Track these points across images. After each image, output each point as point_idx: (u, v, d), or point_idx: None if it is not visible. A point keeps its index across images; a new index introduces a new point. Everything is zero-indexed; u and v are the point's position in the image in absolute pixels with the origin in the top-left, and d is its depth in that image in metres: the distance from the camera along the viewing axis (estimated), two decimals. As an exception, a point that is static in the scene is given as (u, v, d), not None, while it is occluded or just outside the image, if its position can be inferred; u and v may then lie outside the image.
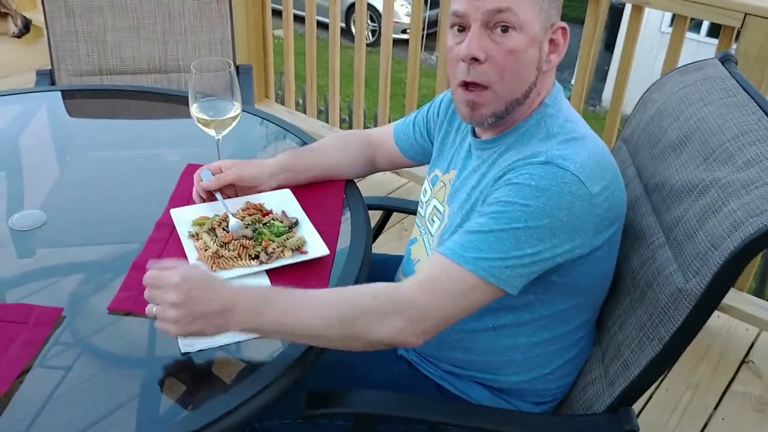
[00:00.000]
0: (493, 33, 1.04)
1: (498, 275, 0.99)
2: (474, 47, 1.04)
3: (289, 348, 1.04)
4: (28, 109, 1.76)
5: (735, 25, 1.86)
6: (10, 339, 1.01)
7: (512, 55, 1.04)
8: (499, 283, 1.00)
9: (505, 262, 0.99)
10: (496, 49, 1.04)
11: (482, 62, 1.05)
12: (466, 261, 0.99)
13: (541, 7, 1.05)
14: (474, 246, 1.00)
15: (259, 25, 3.05)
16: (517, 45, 1.04)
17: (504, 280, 1.00)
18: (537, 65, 1.07)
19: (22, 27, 2.62)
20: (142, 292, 1.11)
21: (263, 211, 1.29)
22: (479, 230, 1.01)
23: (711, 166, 1.08)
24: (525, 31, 1.04)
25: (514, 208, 0.99)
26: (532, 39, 1.05)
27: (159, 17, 2.08)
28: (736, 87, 1.18)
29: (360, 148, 1.43)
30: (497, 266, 0.99)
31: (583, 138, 1.07)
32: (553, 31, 1.08)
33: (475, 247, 1.00)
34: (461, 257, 1.00)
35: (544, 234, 0.99)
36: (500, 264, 0.99)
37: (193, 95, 1.31)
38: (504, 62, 1.04)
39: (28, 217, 1.29)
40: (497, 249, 0.99)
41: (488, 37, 1.04)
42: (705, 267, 0.98)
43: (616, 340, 1.15)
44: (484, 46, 1.04)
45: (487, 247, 0.99)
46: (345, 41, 3.31)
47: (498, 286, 1.00)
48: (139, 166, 1.55)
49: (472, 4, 1.03)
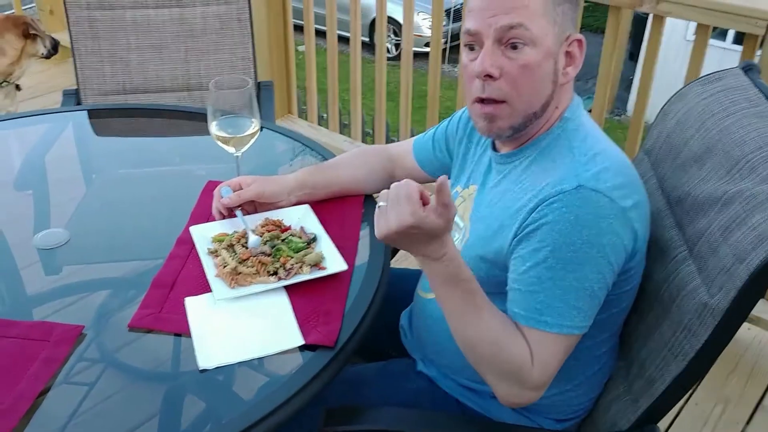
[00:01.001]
0: (506, 49, 1.04)
1: (581, 324, 1.03)
2: (488, 64, 1.04)
3: (308, 363, 1.04)
4: (54, 129, 1.79)
5: (759, 33, 1.83)
6: (31, 357, 1.02)
7: (526, 69, 1.04)
8: (583, 330, 1.04)
9: (581, 311, 1.02)
10: (510, 65, 1.04)
11: (497, 78, 1.05)
12: (551, 326, 1.02)
13: (554, 21, 1.04)
14: (548, 306, 1.02)
15: (281, 42, 3.07)
16: (530, 59, 1.03)
17: (586, 323, 1.04)
18: (553, 78, 1.07)
19: (51, 48, 2.67)
20: (162, 310, 1.12)
21: (282, 227, 1.29)
22: (542, 286, 1.01)
23: (734, 177, 1.06)
24: (538, 46, 1.03)
25: (563, 251, 1.00)
26: (546, 53, 1.04)
27: (181, 36, 2.11)
28: (758, 97, 1.15)
29: (379, 164, 1.43)
30: (577, 316, 1.02)
31: (606, 152, 1.07)
32: (569, 44, 1.07)
33: (549, 307, 1.02)
34: (545, 323, 1.02)
35: (600, 263, 1.01)
36: (577, 313, 1.02)
37: (212, 113, 1.33)
38: (518, 77, 1.04)
39: (51, 236, 1.31)
40: (569, 299, 1.01)
41: (502, 54, 1.04)
42: (730, 282, 0.96)
43: (640, 355, 1.13)
44: (498, 63, 1.04)
45: (558, 302, 1.01)
46: (369, 55, 3.33)
47: (584, 330, 1.04)
48: (161, 183, 1.57)
49: (485, 21, 1.03)
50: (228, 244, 1.23)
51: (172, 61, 2.13)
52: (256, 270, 1.17)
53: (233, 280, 1.15)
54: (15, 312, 1.18)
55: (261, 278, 1.16)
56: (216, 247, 1.23)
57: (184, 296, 1.15)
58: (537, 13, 1.02)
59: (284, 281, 1.16)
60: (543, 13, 1.03)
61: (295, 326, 1.09)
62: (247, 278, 1.16)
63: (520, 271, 1.03)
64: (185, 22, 2.10)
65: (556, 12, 1.04)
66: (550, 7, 1.03)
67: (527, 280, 1.03)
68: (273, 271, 1.17)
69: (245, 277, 1.16)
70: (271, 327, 1.09)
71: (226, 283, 1.15)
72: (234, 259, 1.19)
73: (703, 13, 1.91)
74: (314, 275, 1.18)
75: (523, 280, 1.03)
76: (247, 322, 1.11)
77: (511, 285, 1.06)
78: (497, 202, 1.13)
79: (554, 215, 1.00)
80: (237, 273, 1.16)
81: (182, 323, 1.10)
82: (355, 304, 1.15)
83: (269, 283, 1.16)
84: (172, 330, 1.10)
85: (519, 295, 1.04)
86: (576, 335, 1.04)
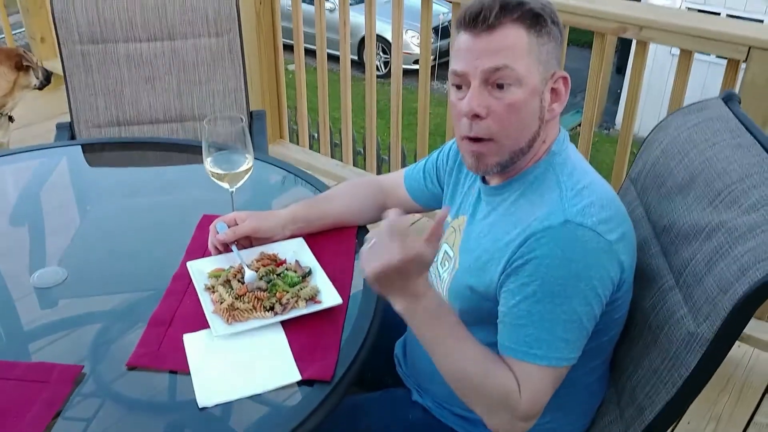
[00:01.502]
0: (493, 89, 1.06)
1: (570, 356, 1.05)
2: (474, 104, 1.07)
3: (305, 398, 1.06)
4: (48, 164, 1.81)
5: (739, 58, 1.87)
6: (31, 399, 1.03)
7: (513, 108, 1.07)
8: (572, 361, 1.06)
9: (570, 343, 1.04)
10: (496, 104, 1.07)
11: (484, 117, 1.07)
12: (540, 359, 1.04)
13: (539, 60, 1.07)
14: (537, 339, 1.04)
15: (272, 68, 3.10)
16: (516, 99, 1.06)
17: (575, 355, 1.06)
18: (539, 115, 1.09)
19: (44, 79, 2.69)
20: (160, 347, 1.13)
21: (277, 261, 1.31)
22: (531, 319, 1.04)
23: (717, 208, 1.09)
24: (524, 85, 1.06)
25: (551, 285, 1.02)
26: (532, 91, 1.07)
27: (174, 69, 2.14)
28: (739, 127, 1.19)
29: (371, 195, 1.45)
30: (566, 348, 1.04)
31: (592, 185, 1.09)
32: (554, 81, 1.10)
33: (538, 340, 1.04)
34: (534, 356, 1.04)
35: (588, 295, 1.03)
36: (566, 346, 1.04)
37: (207, 149, 1.35)
38: (505, 116, 1.07)
39: (49, 274, 1.33)
40: (557, 332, 1.04)
41: (489, 93, 1.07)
42: (715, 312, 0.98)
43: (630, 382, 1.15)
44: (485, 102, 1.07)
45: (547, 335, 1.03)
46: (358, 73, 3.36)
47: (573, 362, 1.06)
48: (155, 215, 1.58)
49: (471, 63, 1.06)
50: (224, 280, 1.25)
51: (164, 93, 2.15)
52: (253, 306, 1.19)
53: (230, 316, 1.17)
54: (11, 349, 1.19)
55: (258, 314, 1.18)
56: (213, 283, 1.25)
57: (181, 333, 1.16)
58: (522, 53, 1.05)
59: (281, 316, 1.18)
60: (528, 53, 1.06)
61: (292, 362, 1.11)
62: (244, 314, 1.18)
63: (510, 305, 1.06)
64: (177, 54, 2.13)
65: (540, 51, 1.07)
66: (535, 47, 1.06)
67: (516, 313, 1.05)
68: (269, 307, 1.19)
69: (242, 312, 1.18)
70: (269, 363, 1.11)
71: (223, 319, 1.17)
72: (231, 294, 1.21)
73: (685, 39, 1.95)
74: (310, 309, 1.20)
75: (512, 313, 1.06)
76: (245, 358, 1.13)
77: (500, 318, 1.08)
78: (486, 235, 1.15)
79: (542, 250, 1.03)
80: (234, 309, 1.18)
81: (181, 361, 1.11)
82: (351, 336, 1.17)
83: (266, 318, 1.18)
84: (171, 368, 1.11)
85: (508, 328, 1.06)
86: (565, 366, 1.06)
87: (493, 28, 1.05)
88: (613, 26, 2.08)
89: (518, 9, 1.05)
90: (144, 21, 2.09)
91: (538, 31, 1.06)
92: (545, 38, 1.07)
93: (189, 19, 2.11)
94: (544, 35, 1.07)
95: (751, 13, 9.87)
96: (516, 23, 1.05)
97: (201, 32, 2.13)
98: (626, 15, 2.06)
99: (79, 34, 2.07)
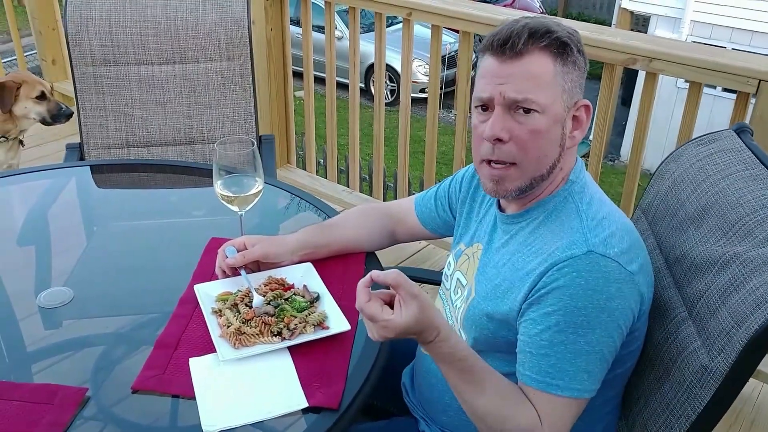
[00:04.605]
0: (516, 113, 1.06)
1: (591, 387, 1.05)
2: (497, 128, 1.07)
3: (312, 426, 1.05)
4: (57, 184, 1.81)
5: (749, 91, 1.87)
6: (34, 422, 1.02)
7: (535, 134, 1.07)
8: (592, 393, 1.05)
9: (591, 374, 1.04)
10: (519, 129, 1.07)
11: (506, 142, 1.07)
12: (562, 390, 1.03)
13: (563, 88, 1.07)
14: (559, 370, 1.03)
15: (281, 94, 3.12)
16: (539, 125, 1.06)
17: (596, 387, 1.05)
18: (560, 142, 1.09)
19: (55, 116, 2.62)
20: (166, 371, 1.12)
21: (285, 286, 1.30)
22: (554, 349, 1.03)
23: (731, 240, 1.08)
24: (547, 112, 1.06)
25: (574, 315, 1.02)
26: (554, 119, 1.07)
27: (184, 92, 2.15)
28: (752, 159, 1.19)
29: (380, 222, 1.45)
30: (587, 380, 1.04)
31: (611, 216, 1.09)
32: (576, 109, 1.10)
33: (561, 370, 1.03)
34: (557, 387, 1.03)
35: (610, 327, 1.03)
36: (588, 377, 1.04)
37: (217, 172, 1.35)
38: (527, 141, 1.07)
39: (55, 295, 1.32)
40: (580, 363, 1.03)
41: (512, 117, 1.07)
42: (729, 345, 0.97)
43: (642, 416, 1.13)
44: (508, 127, 1.07)
45: (569, 366, 1.03)
46: (364, 101, 3.38)
47: (593, 393, 1.06)
48: (162, 236, 1.58)
49: (496, 90, 1.06)
50: (232, 304, 1.24)
51: (175, 115, 2.17)
52: (260, 330, 1.18)
53: (237, 340, 1.16)
54: (16, 370, 1.18)
55: (265, 339, 1.17)
56: (220, 307, 1.24)
57: (187, 357, 1.15)
58: (546, 83, 1.06)
59: (288, 342, 1.17)
60: (552, 82, 1.06)
61: (298, 388, 1.09)
62: (251, 339, 1.16)
63: (531, 334, 1.05)
64: (188, 77, 2.15)
65: (565, 80, 1.07)
66: (560, 76, 1.07)
67: (538, 343, 1.04)
68: (277, 332, 1.18)
69: (249, 337, 1.17)
70: (275, 389, 1.10)
71: (230, 343, 1.16)
72: (238, 319, 1.20)
73: (695, 71, 1.96)
74: (318, 335, 1.18)
75: (534, 343, 1.04)
76: (251, 383, 1.11)
77: (521, 348, 1.07)
78: (506, 263, 1.14)
79: (565, 279, 1.02)
80: (241, 333, 1.17)
81: (186, 385, 1.10)
82: (359, 363, 1.16)
83: (273, 343, 1.16)
84: (176, 392, 1.10)
85: (530, 357, 1.05)
86: (585, 399, 1.04)
87: (521, 55, 1.05)
88: (622, 57, 2.09)
89: (546, 37, 1.05)
90: (157, 44, 2.11)
91: (564, 59, 1.06)
92: (570, 67, 1.07)
93: (201, 43, 2.13)
94: (570, 64, 1.07)
95: (756, 48, 9.94)
96: (543, 51, 1.05)
97: (213, 56, 2.15)
98: (636, 46, 2.07)
99: (92, 56, 2.09)
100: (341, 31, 8.75)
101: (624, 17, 11.93)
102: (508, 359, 1.10)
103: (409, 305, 0.99)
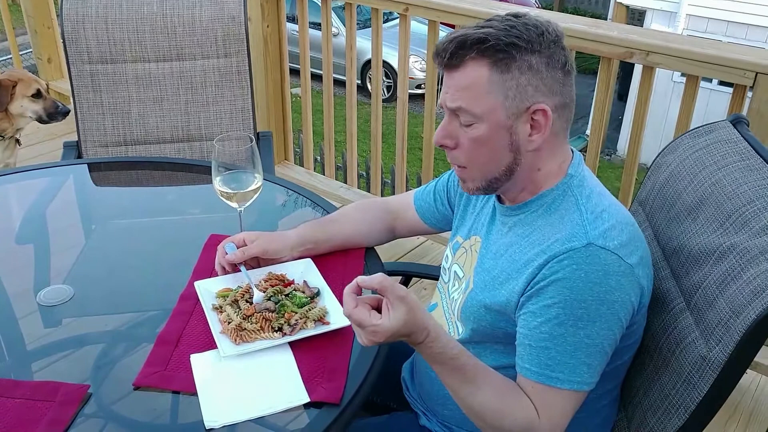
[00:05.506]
0: (462, 121, 1.09)
1: (590, 380, 1.05)
2: (440, 135, 1.11)
3: (313, 421, 1.05)
4: (55, 182, 1.81)
5: (746, 84, 1.88)
6: (36, 419, 1.02)
7: (476, 142, 1.09)
8: (592, 386, 1.06)
9: (591, 367, 1.04)
10: (463, 136, 1.10)
11: (453, 148, 1.11)
12: (562, 382, 1.04)
13: (506, 95, 1.05)
14: (559, 362, 1.03)
15: (278, 91, 3.13)
16: (479, 134, 1.08)
17: (595, 379, 1.06)
18: (511, 147, 1.09)
19: (51, 114, 2.61)
20: (167, 367, 1.12)
21: (285, 282, 1.30)
22: (554, 342, 1.03)
23: (728, 231, 1.09)
24: (486, 121, 1.07)
25: (574, 307, 1.02)
26: (496, 126, 1.07)
27: (182, 89, 2.15)
28: (749, 150, 1.19)
29: (379, 217, 1.45)
30: (587, 372, 1.04)
31: (611, 208, 1.10)
32: (530, 114, 1.08)
33: (560, 363, 1.03)
34: (556, 380, 1.04)
35: (610, 319, 1.03)
36: (587, 370, 1.04)
37: (216, 168, 1.35)
38: (470, 148, 1.10)
39: (55, 292, 1.32)
40: (579, 356, 1.03)
41: (459, 124, 1.09)
42: (728, 335, 0.97)
43: (641, 407, 1.14)
44: (454, 133, 1.10)
45: (569, 358, 1.03)
46: (361, 97, 3.38)
47: (593, 386, 1.06)
48: (161, 234, 1.58)
49: (442, 98, 1.10)
50: (232, 300, 1.24)
51: (172, 113, 2.16)
52: (260, 326, 1.18)
53: (238, 336, 1.16)
54: (17, 368, 1.18)
55: (266, 334, 1.17)
56: (220, 303, 1.24)
57: (188, 353, 1.15)
58: (480, 93, 1.05)
59: (289, 337, 1.17)
60: (488, 91, 1.05)
61: (300, 383, 1.09)
62: (251, 334, 1.17)
63: (531, 327, 1.05)
64: (185, 75, 2.14)
65: (506, 87, 1.05)
66: (498, 84, 1.05)
67: (538, 336, 1.04)
68: (278, 327, 1.18)
69: (250, 333, 1.17)
70: (277, 384, 1.10)
71: (230, 339, 1.16)
72: (238, 315, 1.20)
73: (692, 64, 1.96)
74: (318, 330, 1.19)
75: (533, 335, 1.05)
76: (253, 379, 1.12)
77: (520, 340, 1.07)
78: (503, 254, 1.15)
79: (565, 272, 1.02)
80: (242, 329, 1.17)
81: (188, 381, 1.10)
82: (360, 358, 1.16)
83: (274, 339, 1.17)
84: (178, 388, 1.10)
85: (529, 350, 1.06)
86: (585, 391, 1.05)
87: (457, 66, 1.06)
88: (619, 51, 2.09)
89: (475, 47, 1.04)
90: (153, 41, 2.11)
91: (505, 66, 1.04)
92: (515, 72, 1.05)
93: (198, 40, 2.12)
94: (514, 70, 1.04)
95: (752, 41, 9.95)
96: (476, 61, 1.05)
97: (210, 54, 2.14)
98: (633, 40, 2.07)
99: (89, 53, 2.08)
100: (337, 27, 8.76)
101: (620, 11, 11.94)
102: (506, 351, 1.10)
103: (397, 308, 0.98)
